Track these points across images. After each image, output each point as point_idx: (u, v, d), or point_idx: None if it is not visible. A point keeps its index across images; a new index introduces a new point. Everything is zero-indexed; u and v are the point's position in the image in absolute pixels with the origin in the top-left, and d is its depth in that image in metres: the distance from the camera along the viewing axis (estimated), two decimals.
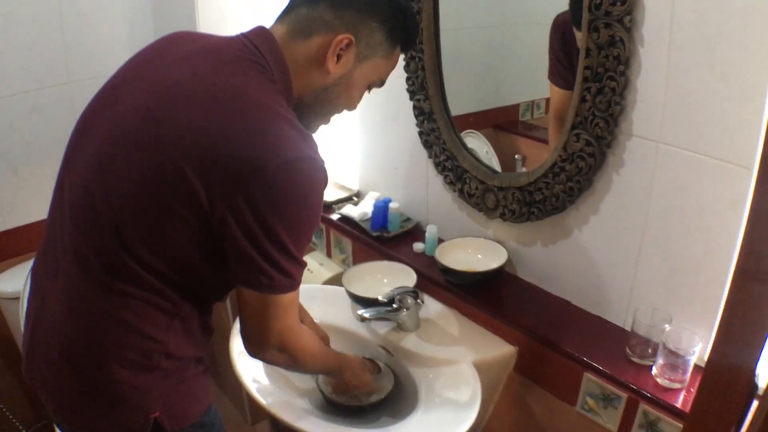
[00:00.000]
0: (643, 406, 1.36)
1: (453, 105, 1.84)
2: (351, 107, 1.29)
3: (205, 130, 1.03)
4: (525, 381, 1.66)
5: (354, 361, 1.54)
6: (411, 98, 1.88)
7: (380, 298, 1.70)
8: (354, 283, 1.83)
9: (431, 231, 1.92)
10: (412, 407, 1.53)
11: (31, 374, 1.26)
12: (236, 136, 1.03)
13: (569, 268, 1.64)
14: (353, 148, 2.24)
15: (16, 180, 2.15)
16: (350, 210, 2.14)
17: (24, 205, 2.20)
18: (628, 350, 1.45)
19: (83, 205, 1.12)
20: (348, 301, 1.85)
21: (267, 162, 1.01)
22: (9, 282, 2.18)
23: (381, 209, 2.03)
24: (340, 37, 1.15)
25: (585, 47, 1.37)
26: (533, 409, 1.66)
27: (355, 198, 2.28)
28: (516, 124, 1.90)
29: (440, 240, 1.90)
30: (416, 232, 2.06)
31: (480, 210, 1.79)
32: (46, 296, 1.21)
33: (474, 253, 1.81)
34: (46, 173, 2.18)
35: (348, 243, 2.15)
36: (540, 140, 1.80)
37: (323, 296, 1.88)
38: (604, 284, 1.56)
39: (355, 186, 2.31)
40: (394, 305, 1.69)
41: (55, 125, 2.17)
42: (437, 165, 1.88)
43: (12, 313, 2.17)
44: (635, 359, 1.43)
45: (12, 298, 2.14)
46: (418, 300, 1.74)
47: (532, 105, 1.87)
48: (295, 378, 1.67)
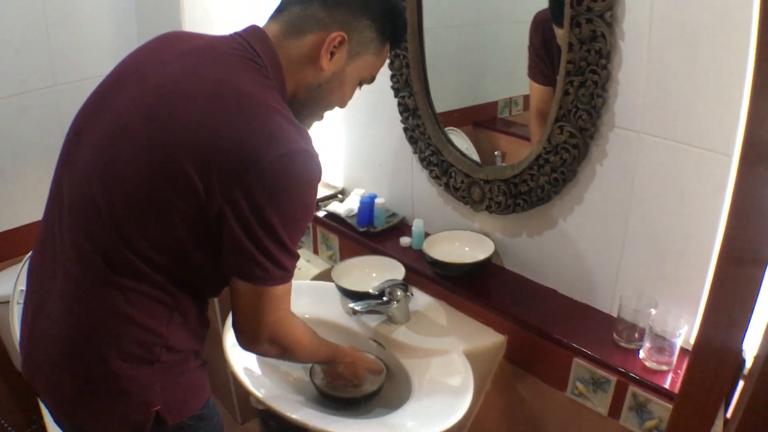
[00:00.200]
0: (632, 389, 1.39)
1: (435, 103, 1.86)
2: (343, 103, 1.32)
3: (203, 125, 1.05)
4: (515, 369, 1.68)
5: (347, 353, 1.55)
6: (396, 95, 1.90)
7: (371, 291, 1.73)
8: (343, 278, 1.85)
9: (418, 225, 1.95)
10: (406, 397, 1.55)
11: (31, 373, 1.27)
12: (233, 130, 1.05)
13: (555, 258, 1.67)
14: (337, 146, 2.26)
15: (3, 184, 2.14)
16: (336, 207, 2.16)
17: (11, 209, 2.19)
18: (616, 335, 1.48)
19: (83, 201, 1.14)
20: (338, 296, 1.86)
21: (264, 155, 1.04)
22: None
23: (367, 205, 2.05)
24: (333, 35, 1.18)
25: (567, 42, 1.40)
26: (524, 397, 1.69)
27: (340, 195, 2.30)
28: (495, 121, 1.93)
29: (426, 234, 1.92)
30: (402, 227, 2.08)
31: (466, 203, 1.82)
32: (45, 295, 1.21)
33: (461, 246, 1.84)
34: (33, 177, 2.20)
35: (335, 239, 2.17)
36: (519, 136, 1.83)
37: (313, 292, 1.89)
38: (590, 272, 1.59)
39: (340, 183, 2.33)
40: (384, 298, 1.71)
41: (41, 128, 2.16)
42: (422, 160, 1.91)
43: (1, 318, 2.13)
44: (623, 344, 1.46)
45: (2, 302, 2.11)
46: (408, 292, 1.76)
47: (510, 102, 1.90)
48: (288, 370, 1.68)
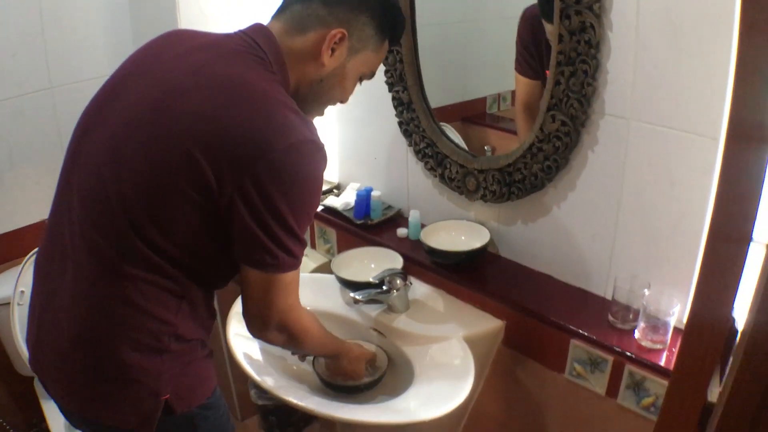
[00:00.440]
0: (629, 367, 1.43)
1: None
2: (345, 98, 1.36)
3: (213, 117, 1.09)
4: (514, 354, 1.72)
5: (352, 350, 1.59)
6: (390, 90, 1.94)
7: (371, 280, 1.77)
8: (342, 269, 1.88)
9: (414, 216, 1.98)
10: (408, 384, 1.58)
11: (39, 366, 1.29)
12: (243, 122, 1.09)
13: (550, 244, 1.71)
14: (332, 142, 2.29)
15: (1, 186, 2.15)
16: (333, 201, 2.19)
17: (8, 212, 2.19)
18: (611, 317, 1.53)
19: (95, 195, 1.16)
20: (337, 288, 1.90)
21: (273, 145, 1.08)
22: None
23: (364, 198, 2.09)
24: (334, 32, 1.22)
25: (557, 33, 1.44)
26: (523, 381, 1.73)
27: (336, 190, 2.33)
28: (484, 116, 1.98)
29: (422, 225, 1.95)
30: (398, 219, 2.12)
31: (461, 193, 1.86)
32: (54, 287, 1.24)
33: (457, 235, 1.88)
34: (30, 179, 2.20)
35: (332, 233, 2.20)
36: (507, 131, 1.88)
37: (313, 284, 1.92)
38: (584, 257, 1.63)
39: (335, 178, 2.36)
40: (384, 287, 1.74)
41: (38, 131, 2.18)
42: (417, 152, 1.94)
43: (0, 320, 2.14)
44: (618, 325, 1.51)
45: (1, 304, 2.11)
46: (407, 281, 1.79)
47: (499, 97, 1.94)
48: (291, 361, 1.71)
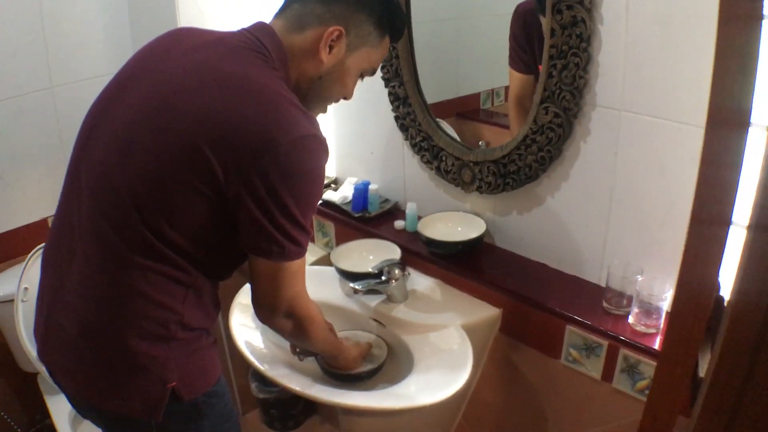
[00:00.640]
0: (624, 351, 1.47)
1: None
2: (347, 95, 1.39)
3: (220, 112, 1.13)
4: (511, 341, 1.76)
5: (351, 351, 1.63)
6: (386, 85, 1.97)
7: (370, 270, 1.81)
8: (341, 261, 1.92)
9: (411, 208, 2.02)
10: (408, 371, 1.62)
11: (47, 356, 1.32)
12: (249, 117, 1.12)
13: (544, 233, 1.75)
14: (330, 137, 2.29)
15: (3, 185, 2.18)
16: (330, 195, 2.23)
17: (11, 210, 2.22)
18: (605, 303, 1.57)
19: (103, 185, 1.20)
20: (337, 280, 1.94)
21: (278, 140, 1.11)
22: (0, 286, 2.17)
23: (361, 191, 2.12)
24: (331, 29, 1.25)
25: (550, 28, 1.48)
26: (520, 367, 1.77)
27: (333, 185, 2.37)
28: (477, 112, 2.01)
29: (419, 217, 1.98)
30: (395, 212, 2.15)
31: (457, 185, 1.89)
32: (63, 279, 1.26)
33: (454, 226, 1.91)
34: (31, 178, 2.23)
35: (330, 226, 2.24)
36: (501, 126, 1.91)
37: (313, 276, 1.89)
38: (578, 245, 1.67)
39: (333, 173, 2.39)
40: (383, 277, 1.78)
41: (39, 130, 2.20)
42: (413, 146, 1.98)
43: (4, 317, 2.17)
44: (612, 311, 1.55)
45: (4, 302, 2.14)
46: (405, 271, 1.83)
47: (492, 93, 1.98)
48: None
